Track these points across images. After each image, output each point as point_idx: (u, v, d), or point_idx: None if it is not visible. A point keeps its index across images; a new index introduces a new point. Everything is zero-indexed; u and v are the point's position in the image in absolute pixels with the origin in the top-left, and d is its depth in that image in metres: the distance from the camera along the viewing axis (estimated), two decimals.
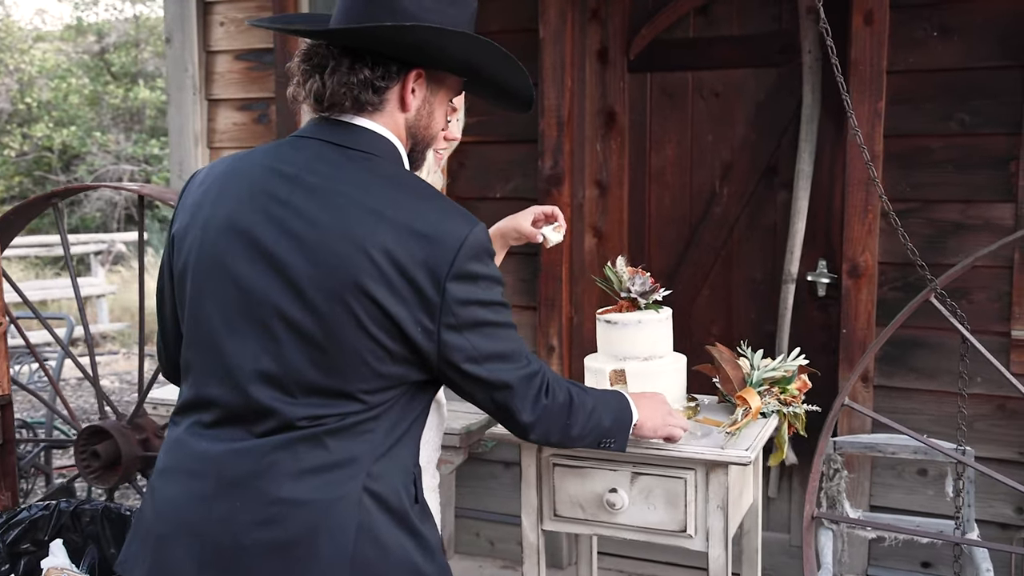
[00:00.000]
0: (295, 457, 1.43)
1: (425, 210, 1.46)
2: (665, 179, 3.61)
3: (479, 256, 1.47)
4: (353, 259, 1.40)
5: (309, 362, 1.43)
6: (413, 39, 1.47)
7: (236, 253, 1.46)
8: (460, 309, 1.45)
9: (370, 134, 1.52)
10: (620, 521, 2.24)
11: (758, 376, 2.33)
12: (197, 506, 1.46)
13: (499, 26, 3.63)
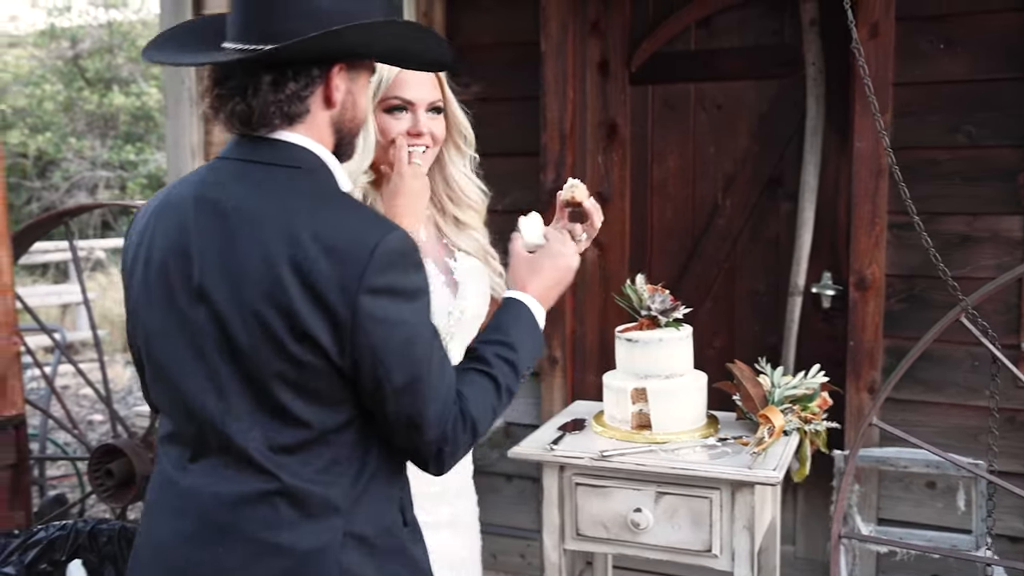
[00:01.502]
0: (272, 505, 1.40)
1: (336, 221, 1.40)
2: (667, 191, 3.61)
3: (393, 265, 1.38)
4: (270, 283, 1.36)
5: (247, 390, 1.40)
6: (340, 43, 1.43)
7: (173, 289, 1.44)
8: (373, 327, 1.37)
9: (292, 148, 1.47)
10: (644, 540, 2.22)
11: (780, 394, 2.32)
12: (182, 547, 1.44)
13: (499, 38, 3.63)
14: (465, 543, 2.03)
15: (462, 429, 1.45)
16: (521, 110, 3.62)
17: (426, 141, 1.87)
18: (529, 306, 1.64)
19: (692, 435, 2.29)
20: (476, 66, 3.69)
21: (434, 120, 1.89)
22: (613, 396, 2.35)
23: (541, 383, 3.68)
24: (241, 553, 1.40)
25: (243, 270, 1.37)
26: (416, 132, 1.84)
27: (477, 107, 3.69)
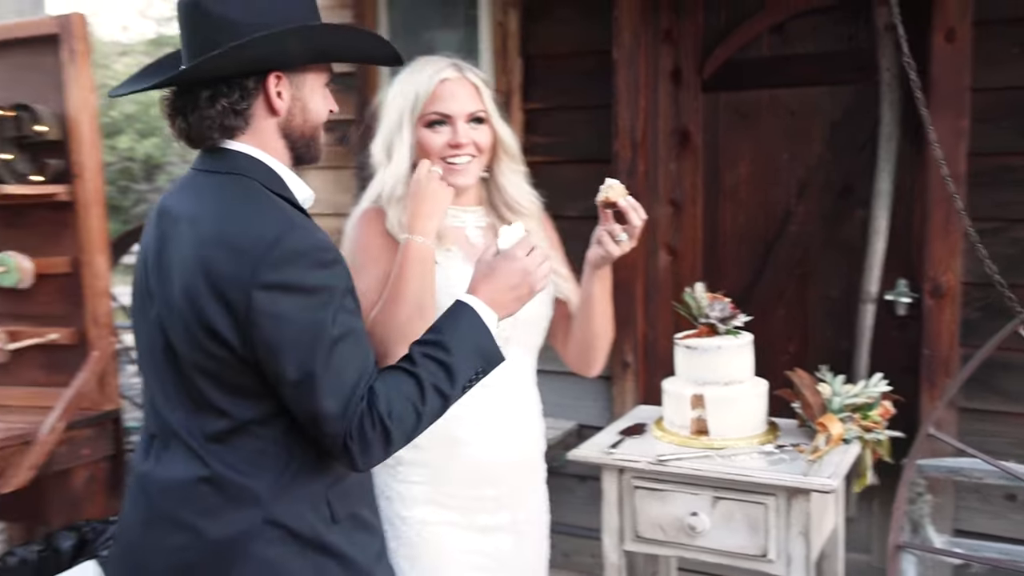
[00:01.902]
0: (200, 491, 1.49)
1: (244, 221, 1.45)
2: (739, 197, 3.62)
3: (288, 263, 1.42)
4: (186, 282, 1.46)
5: (180, 383, 1.51)
6: (253, 54, 1.48)
7: (138, 293, 1.59)
8: (266, 322, 1.41)
9: (236, 155, 1.54)
10: (701, 544, 2.27)
11: (839, 402, 2.34)
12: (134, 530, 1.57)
13: (573, 48, 3.69)
14: (529, 548, 2.05)
15: (370, 426, 1.45)
16: (594, 118, 3.67)
17: (469, 151, 1.92)
18: (474, 307, 1.60)
19: (750, 441, 2.33)
20: (551, 75, 3.77)
21: (476, 130, 1.93)
22: (672, 402, 2.41)
23: (613, 387, 3.74)
24: (171, 537, 1.50)
25: (171, 271, 1.49)
26: (456, 143, 1.91)
27: (551, 116, 3.81)
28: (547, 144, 3.78)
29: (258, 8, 1.49)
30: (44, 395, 2.78)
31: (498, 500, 1.97)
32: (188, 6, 1.52)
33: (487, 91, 1.98)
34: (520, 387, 2.01)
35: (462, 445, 1.91)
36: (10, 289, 2.82)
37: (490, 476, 1.95)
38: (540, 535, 2.11)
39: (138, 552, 1.55)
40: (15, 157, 2.72)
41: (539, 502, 2.11)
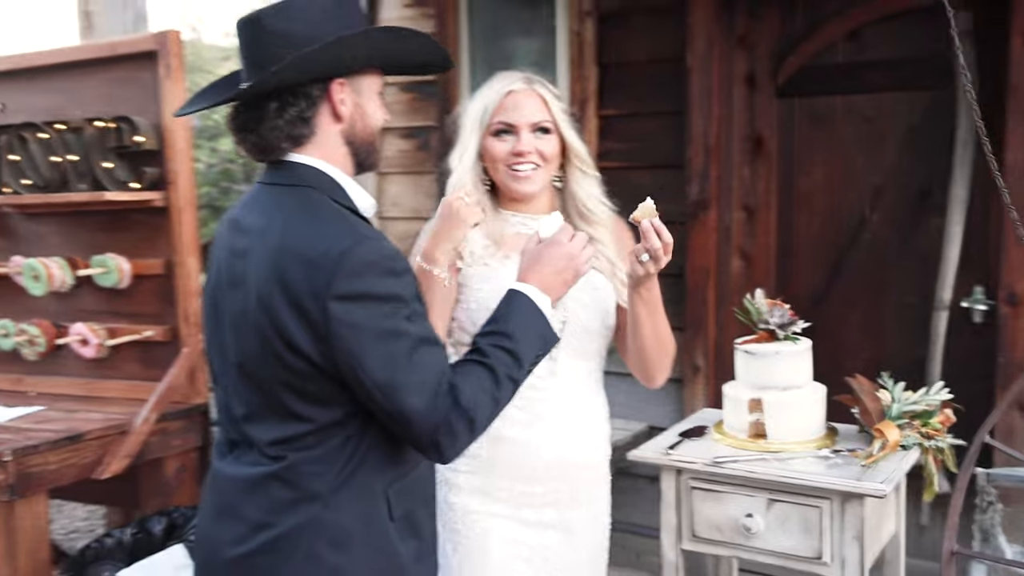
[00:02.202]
0: (267, 487, 1.58)
1: (314, 233, 1.51)
2: (813, 203, 3.63)
3: (360, 274, 1.48)
4: (262, 295, 1.52)
5: (256, 386, 1.58)
6: (319, 62, 1.54)
7: (211, 304, 1.67)
8: (346, 331, 1.47)
9: (300, 168, 1.61)
10: (756, 545, 2.31)
11: (898, 409, 2.35)
12: (206, 522, 1.69)
13: (648, 55, 3.75)
14: (581, 547, 2.12)
15: (456, 419, 1.54)
16: (669, 124, 3.72)
17: (533, 160, 1.99)
18: (528, 295, 1.68)
19: (807, 445, 2.36)
20: (625, 82, 3.84)
21: (541, 140, 2.00)
22: (731, 405, 2.46)
23: (684, 390, 3.78)
24: (235, 528, 1.60)
25: (245, 283, 1.56)
26: (519, 152, 1.98)
27: (626, 122, 3.87)
28: (622, 150, 3.85)
29: (316, 20, 1.57)
30: (140, 388, 2.98)
31: (544, 497, 2.04)
32: (250, 23, 1.59)
33: (556, 103, 2.04)
34: (572, 392, 2.05)
35: (508, 443, 2.00)
36: (110, 289, 3.03)
37: (536, 474, 2.02)
38: (595, 536, 2.16)
39: (208, 541, 1.68)
40: (115, 165, 2.92)
41: (595, 504, 2.15)
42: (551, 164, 2.03)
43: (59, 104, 3.08)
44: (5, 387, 3.29)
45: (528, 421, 2.00)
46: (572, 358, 2.04)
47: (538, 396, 1.99)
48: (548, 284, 1.71)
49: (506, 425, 1.97)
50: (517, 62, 4.17)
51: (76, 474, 2.65)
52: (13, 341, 3.19)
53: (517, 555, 2.03)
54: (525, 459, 2.01)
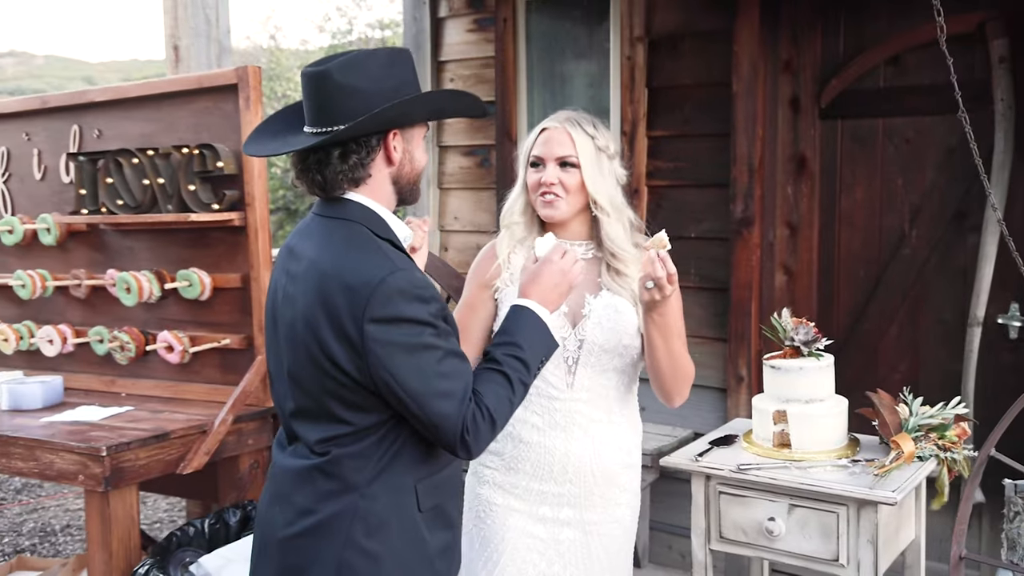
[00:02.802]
0: (313, 478, 1.82)
1: (356, 264, 1.74)
2: (854, 221, 3.76)
3: (392, 300, 1.70)
4: (309, 316, 1.76)
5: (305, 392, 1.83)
6: (386, 120, 1.80)
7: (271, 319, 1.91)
8: (380, 349, 1.71)
9: (351, 204, 1.84)
10: (778, 547, 2.49)
11: (914, 422, 2.50)
12: (264, 507, 1.93)
13: (693, 80, 3.93)
14: (599, 547, 2.27)
15: (481, 419, 1.79)
16: (715, 145, 3.90)
17: (556, 191, 2.19)
18: (531, 309, 1.93)
19: (828, 455, 2.53)
20: (674, 105, 4.02)
21: (565, 172, 2.19)
22: (759, 416, 2.63)
23: (728, 399, 3.94)
24: (284, 514, 1.85)
25: (296, 303, 1.81)
26: (543, 182, 2.19)
27: (674, 143, 4.05)
28: (669, 169, 4.04)
29: (376, 76, 1.81)
30: (219, 392, 3.27)
31: (561, 497, 2.23)
32: (318, 76, 1.80)
33: (586, 142, 2.21)
34: (588, 404, 2.22)
35: (527, 446, 2.22)
36: (193, 300, 3.32)
37: (552, 475, 2.22)
38: (612, 537, 2.28)
39: (264, 524, 1.93)
40: (199, 188, 3.21)
41: (614, 508, 2.27)
42: (574, 195, 2.19)
43: (150, 132, 3.39)
44: (99, 388, 3.61)
45: (545, 427, 2.21)
46: (589, 373, 2.22)
47: (555, 406, 2.20)
48: (546, 298, 1.96)
49: (526, 429, 2.21)
50: (572, 84, 4.38)
51: (162, 469, 2.94)
52: (107, 347, 3.51)
53: (531, 547, 2.22)
54: (542, 461, 2.21)
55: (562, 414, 2.21)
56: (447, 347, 1.80)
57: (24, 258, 3.75)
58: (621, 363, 2.24)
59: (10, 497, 6.07)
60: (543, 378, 2.19)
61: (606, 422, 2.25)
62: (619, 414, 2.29)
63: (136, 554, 2.91)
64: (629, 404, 2.33)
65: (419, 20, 4.64)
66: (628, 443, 2.30)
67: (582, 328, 2.21)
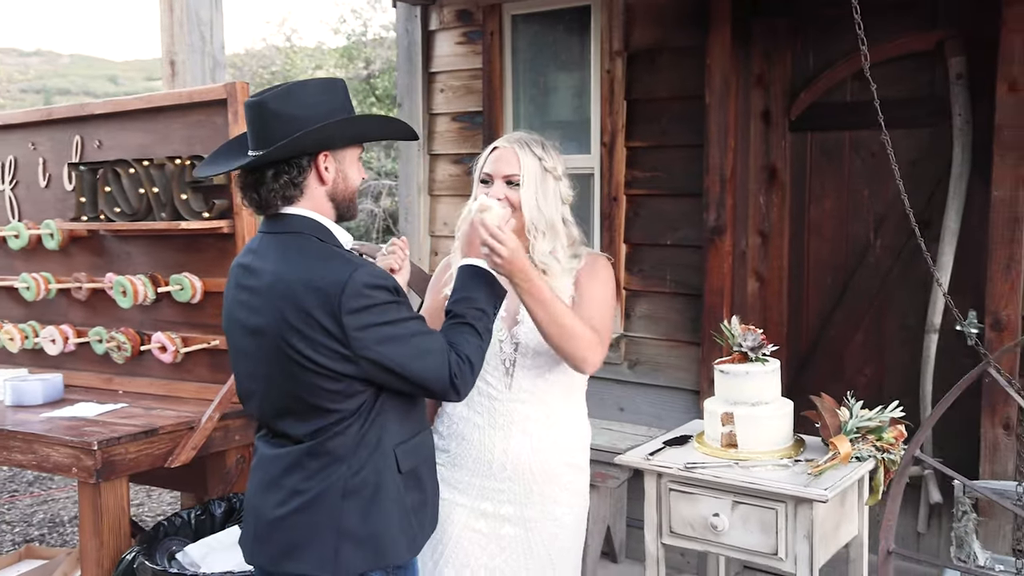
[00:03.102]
0: (301, 461, 2.01)
1: (319, 269, 1.95)
2: (823, 230, 3.90)
3: (360, 292, 1.91)
4: (282, 326, 1.94)
5: (286, 396, 2.01)
6: (310, 141, 1.98)
7: (236, 329, 2.08)
8: (361, 334, 1.92)
9: (295, 218, 2.03)
10: (722, 541, 2.64)
11: (852, 424, 2.64)
12: (253, 495, 2.11)
13: (669, 93, 4.08)
14: (538, 542, 2.37)
15: (462, 363, 2.03)
16: (689, 156, 4.05)
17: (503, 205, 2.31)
18: (473, 264, 2.15)
19: (772, 455, 2.67)
20: (651, 117, 4.17)
21: (510, 189, 2.32)
22: (708, 418, 2.78)
23: (700, 400, 4.08)
24: (277, 496, 2.03)
25: (264, 317, 1.98)
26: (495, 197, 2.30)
27: (651, 153, 4.19)
28: (646, 179, 4.19)
29: (309, 103, 2.01)
30: (209, 390, 3.43)
31: (502, 493, 2.36)
32: (256, 105, 2.00)
33: (531, 163, 2.32)
34: (527, 404, 2.35)
35: (469, 443, 2.37)
36: (185, 303, 3.50)
37: (492, 471, 2.36)
38: (552, 534, 2.37)
39: (254, 509, 2.11)
40: (190, 197, 3.38)
41: (553, 505, 2.36)
42: (519, 212, 2.31)
43: (147, 143, 3.56)
44: (99, 385, 3.79)
45: (485, 425, 2.36)
46: (527, 375, 2.35)
47: (495, 406, 2.35)
48: (478, 252, 2.17)
49: (469, 427, 2.37)
50: (555, 96, 4.54)
51: (151, 463, 3.11)
52: (105, 346, 3.69)
53: (473, 540, 2.36)
54: (482, 458, 2.36)
55: (501, 414, 2.35)
56: (412, 315, 2.03)
57: (29, 261, 3.94)
58: (558, 366, 2.34)
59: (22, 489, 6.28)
60: (483, 379, 2.34)
61: (545, 423, 2.36)
62: (560, 415, 2.39)
63: (126, 542, 3.08)
64: (572, 406, 2.43)
65: (411, 32, 4.81)
66: (570, 444, 2.41)
67: (517, 332, 2.35)
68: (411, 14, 4.81)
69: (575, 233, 2.41)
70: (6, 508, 5.85)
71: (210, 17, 3.76)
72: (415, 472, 2.11)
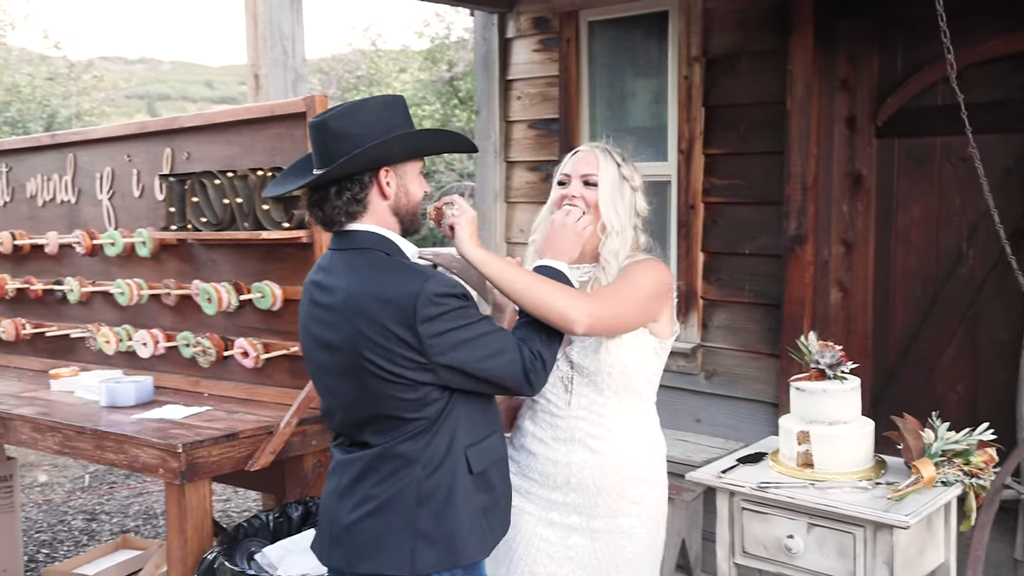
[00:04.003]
0: (375, 468, 2.08)
1: (390, 281, 2.00)
2: (911, 239, 3.78)
3: (432, 301, 1.97)
4: (357, 332, 1.99)
5: (364, 408, 2.06)
6: (367, 158, 2.02)
7: (314, 345, 2.14)
8: (437, 341, 1.97)
9: (361, 234, 2.09)
10: (797, 564, 2.58)
11: (937, 447, 2.55)
12: (327, 500, 2.17)
13: (749, 99, 4.00)
14: (604, 552, 2.36)
15: (535, 359, 2.09)
16: (769, 163, 3.96)
17: (578, 203, 2.34)
18: (547, 264, 2.20)
19: (851, 476, 2.60)
20: (730, 124, 4.10)
21: (587, 189, 2.35)
22: (784, 436, 2.72)
23: (779, 413, 3.99)
24: (353, 500, 2.09)
25: (339, 333, 2.02)
26: (565, 195, 2.35)
27: (730, 160, 4.12)
28: (724, 186, 4.12)
29: (369, 121, 2.06)
30: (288, 395, 3.50)
31: (568, 506, 2.36)
32: (318, 126, 2.07)
33: (610, 167, 2.36)
34: (586, 420, 2.34)
35: (534, 457, 2.38)
36: (266, 310, 3.58)
37: (556, 484, 2.36)
38: (622, 548, 2.35)
39: (331, 513, 2.16)
40: (271, 208, 3.46)
41: (620, 518, 2.35)
42: (593, 211, 2.33)
43: (232, 155, 3.65)
44: (186, 388, 3.90)
45: (549, 440, 2.36)
46: (585, 392, 2.35)
47: (557, 422, 2.35)
48: (557, 249, 2.23)
49: (534, 442, 2.39)
50: (632, 102, 4.50)
51: (232, 465, 3.19)
52: (191, 351, 3.80)
53: (541, 549, 2.37)
54: (548, 471, 2.37)
55: (563, 430, 2.35)
56: (482, 317, 2.08)
57: (124, 268, 4.08)
58: (616, 382, 2.32)
59: (120, 481, 6.53)
60: (545, 396, 2.37)
61: (607, 437, 2.34)
62: (623, 430, 2.36)
63: (208, 541, 3.17)
64: (635, 419, 2.38)
65: (488, 40, 4.82)
66: (635, 458, 2.37)
67: (570, 351, 2.35)
68: (488, 22, 4.83)
69: (642, 240, 2.43)
70: (105, 499, 6.09)
71: (292, 32, 3.83)
72: (485, 474, 2.16)
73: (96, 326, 4.12)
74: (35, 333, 4.35)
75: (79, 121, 17.28)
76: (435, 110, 17.04)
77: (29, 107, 17.11)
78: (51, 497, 6.03)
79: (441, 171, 16.31)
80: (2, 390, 3.95)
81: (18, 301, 4.43)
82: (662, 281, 2.32)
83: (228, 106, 6.63)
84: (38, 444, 3.50)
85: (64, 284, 4.19)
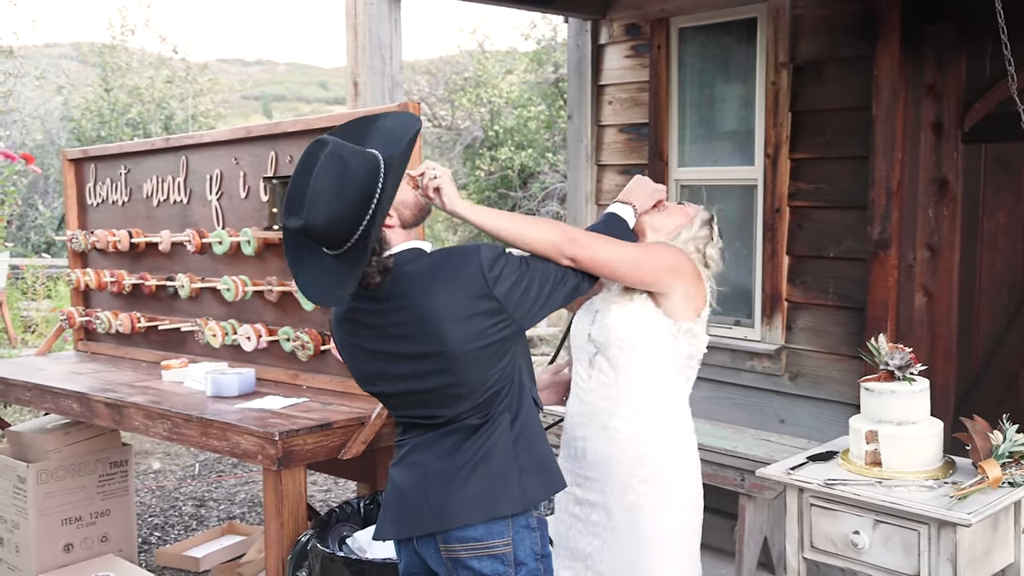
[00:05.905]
0: (475, 430, 2.22)
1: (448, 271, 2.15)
2: (997, 245, 3.75)
3: (494, 263, 2.13)
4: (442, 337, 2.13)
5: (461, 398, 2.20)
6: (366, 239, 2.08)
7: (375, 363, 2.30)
8: (512, 293, 2.14)
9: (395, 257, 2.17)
10: (864, 559, 2.63)
11: (1004, 449, 2.57)
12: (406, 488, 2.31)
13: (835, 104, 4.03)
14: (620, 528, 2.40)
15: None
16: (854, 168, 3.99)
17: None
18: (613, 211, 2.41)
19: (918, 475, 2.64)
20: (816, 128, 4.13)
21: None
22: (853, 435, 2.78)
23: None
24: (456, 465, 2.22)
25: (428, 340, 2.16)
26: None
27: (815, 165, 4.16)
28: (810, 190, 4.15)
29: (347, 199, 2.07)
30: None
31: (590, 480, 2.45)
32: (302, 231, 2.10)
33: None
34: (608, 397, 2.42)
35: (565, 432, 2.53)
36: None
37: (577, 456, 2.48)
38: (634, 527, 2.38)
39: (407, 503, 2.30)
40: None
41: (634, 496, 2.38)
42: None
43: None
44: (286, 380, 4.14)
45: (575, 413, 2.50)
46: (605, 368, 2.44)
47: (581, 396, 2.49)
48: (630, 195, 2.47)
49: (568, 416, 2.53)
50: (720, 108, 4.57)
51: (326, 454, 3.40)
52: (291, 344, 4.04)
53: (570, 525, 2.51)
54: (571, 444, 2.50)
55: (586, 404, 2.47)
56: (523, 255, 2.24)
57: (230, 265, 4.35)
58: (628, 360, 2.40)
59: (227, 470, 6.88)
60: (576, 371, 2.51)
61: (625, 416, 2.40)
62: (644, 411, 2.40)
63: (303, 525, 3.38)
64: (658, 406, 2.41)
65: (581, 46, 4.96)
66: (650, 437, 2.39)
67: (592, 328, 2.47)
68: (582, 28, 4.96)
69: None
70: (213, 487, 6.42)
71: (390, 40, 4.04)
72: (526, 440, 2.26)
73: (204, 320, 4.39)
74: (149, 326, 4.66)
75: (195, 123, 18.07)
76: (541, 111, 17.23)
77: (148, 109, 17.97)
78: (164, 484, 6.40)
79: (545, 172, 16.50)
80: (118, 380, 4.26)
81: (134, 296, 4.76)
82: (680, 259, 2.39)
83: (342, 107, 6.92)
84: (149, 430, 3.76)
85: (176, 280, 4.47)
